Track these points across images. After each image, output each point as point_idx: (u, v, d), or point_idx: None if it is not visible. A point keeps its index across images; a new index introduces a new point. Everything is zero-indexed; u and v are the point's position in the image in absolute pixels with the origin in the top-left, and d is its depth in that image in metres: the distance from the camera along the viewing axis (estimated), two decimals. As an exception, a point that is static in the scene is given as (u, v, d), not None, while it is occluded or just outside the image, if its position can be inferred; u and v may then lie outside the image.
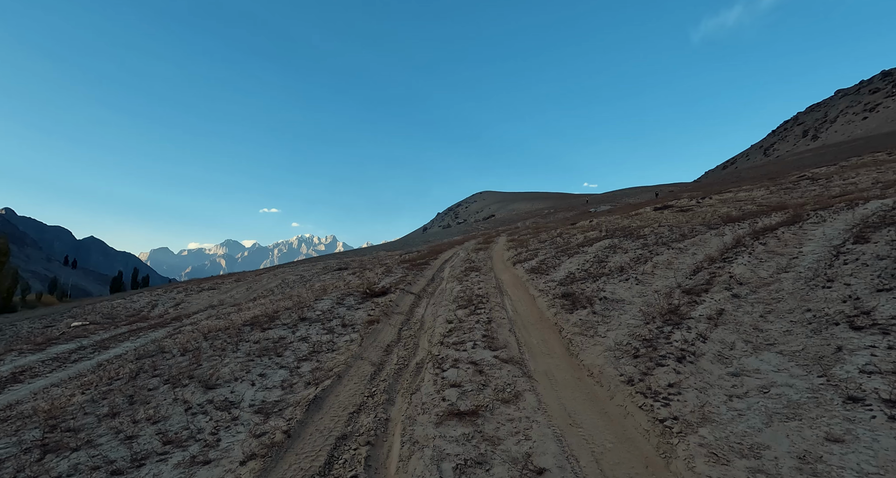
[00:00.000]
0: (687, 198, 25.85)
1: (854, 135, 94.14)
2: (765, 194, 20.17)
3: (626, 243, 10.00)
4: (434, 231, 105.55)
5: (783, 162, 68.11)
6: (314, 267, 28.65)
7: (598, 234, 13.87)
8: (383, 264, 14.87)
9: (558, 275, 8.38)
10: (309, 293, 10.69)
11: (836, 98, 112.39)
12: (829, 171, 26.54)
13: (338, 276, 19.29)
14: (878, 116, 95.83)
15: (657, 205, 21.55)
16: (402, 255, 24.10)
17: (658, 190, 66.64)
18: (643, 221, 16.09)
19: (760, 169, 64.46)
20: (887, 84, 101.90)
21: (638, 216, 19.02)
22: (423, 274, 11.10)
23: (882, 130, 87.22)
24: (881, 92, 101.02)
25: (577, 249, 11.29)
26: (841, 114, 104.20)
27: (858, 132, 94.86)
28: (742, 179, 46.84)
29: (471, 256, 14.08)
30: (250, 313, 11.72)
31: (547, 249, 13.07)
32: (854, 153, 42.97)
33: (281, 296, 17.77)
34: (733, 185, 36.15)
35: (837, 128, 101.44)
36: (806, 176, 24.50)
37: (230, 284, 24.35)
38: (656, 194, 59.82)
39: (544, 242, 14.57)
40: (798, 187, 21.00)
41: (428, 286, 9.66)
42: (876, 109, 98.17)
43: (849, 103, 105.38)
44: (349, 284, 12.07)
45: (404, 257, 17.72)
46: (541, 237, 17.64)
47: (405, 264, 14.11)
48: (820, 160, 49.81)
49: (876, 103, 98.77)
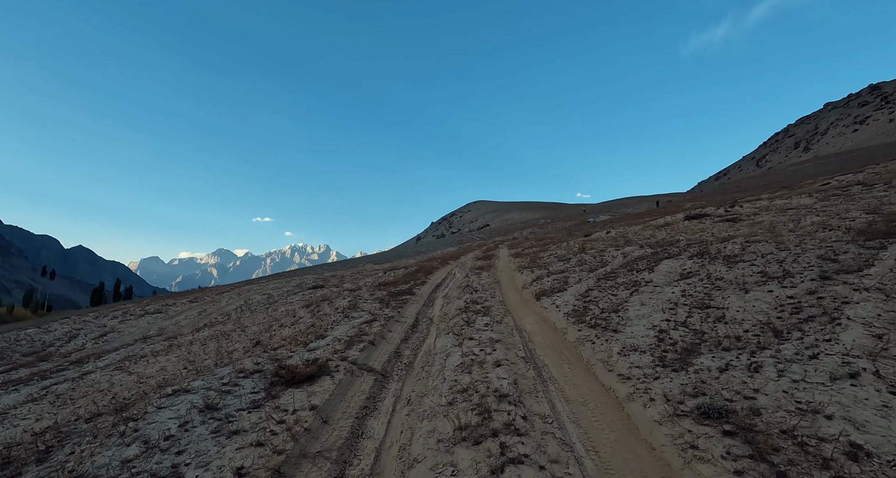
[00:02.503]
0: (713, 207, 22.39)
1: (846, 147, 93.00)
2: (814, 203, 16.70)
3: (717, 269, 6.32)
4: (428, 241, 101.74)
5: (783, 172, 65.84)
6: (287, 284, 24.60)
7: (640, 250, 10.21)
8: (354, 291, 11.00)
9: (637, 331, 4.57)
10: (210, 355, 6.82)
11: (826, 111, 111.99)
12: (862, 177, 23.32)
13: (303, 300, 15.39)
14: (868, 129, 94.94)
15: (688, 214, 17.98)
16: (386, 271, 20.21)
17: (658, 199, 63.81)
18: (686, 232, 12.50)
19: (761, 179, 61.95)
20: (875, 97, 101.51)
21: (670, 227, 15.42)
22: (402, 313, 7.32)
23: (873, 142, 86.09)
24: (870, 105, 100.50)
25: (630, 273, 7.59)
26: (832, 126, 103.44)
27: (850, 144, 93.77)
28: (748, 189, 43.93)
29: (471, 281, 10.30)
30: (154, 368, 7.80)
31: (576, 270, 9.35)
32: (861, 163, 40.37)
33: (233, 326, 13.81)
34: (747, 193, 33.03)
35: (829, 140, 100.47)
36: (827, 182, 21.15)
37: (182, 306, 20.22)
38: (657, 204, 57.13)
39: (567, 261, 10.85)
40: (849, 194, 17.61)
41: (403, 347, 5.66)
42: (866, 122, 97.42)
43: (838, 116, 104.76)
44: (296, 324, 8.21)
45: (385, 279, 13.85)
46: (556, 252, 13.96)
47: (383, 290, 10.30)
48: (821, 171, 47.25)
49: (866, 116, 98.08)
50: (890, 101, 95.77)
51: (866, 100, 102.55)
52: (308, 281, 24.29)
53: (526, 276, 10.06)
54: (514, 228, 64.90)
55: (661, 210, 35.74)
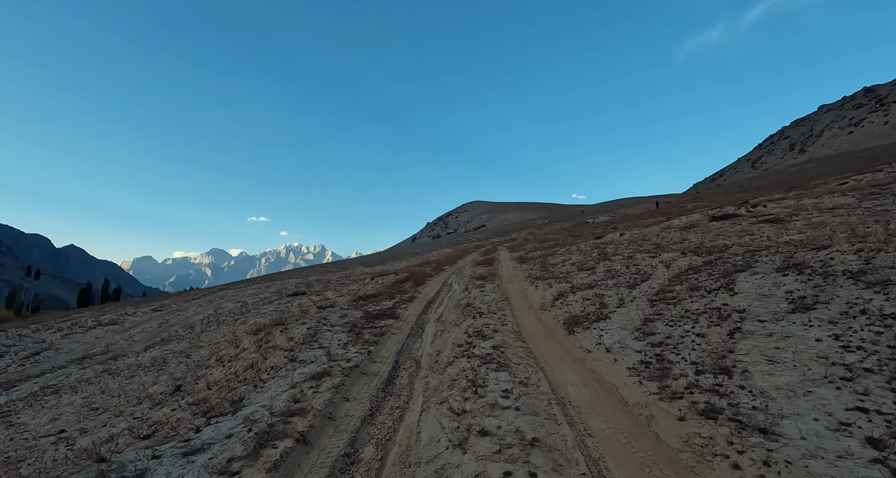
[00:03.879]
0: (731, 206, 20.26)
1: (841, 148, 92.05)
2: (856, 201, 14.55)
3: (855, 294, 4.10)
4: (423, 241, 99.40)
5: (783, 173, 64.30)
6: (267, 289, 22.16)
7: (683, 258, 7.98)
8: (326, 307, 8.58)
9: (817, 443, 2.30)
10: (123, 397, 4.50)
11: (821, 113, 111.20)
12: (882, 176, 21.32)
13: (278, 312, 13.01)
14: (863, 131, 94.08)
15: (714, 215, 15.81)
16: (374, 277, 17.85)
17: (657, 200, 62.03)
18: (728, 236, 10.30)
19: (762, 180, 60.31)
20: (870, 100, 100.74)
21: (699, 229, 13.24)
22: (374, 355, 4.90)
23: (868, 143, 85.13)
24: (865, 107, 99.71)
25: (697, 294, 5.36)
26: (826, 128, 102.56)
27: (845, 146, 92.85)
28: (750, 190, 42.07)
29: (472, 297, 7.99)
30: (45, 417, 5.47)
31: (608, 284, 7.09)
32: (864, 164, 38.70)
33: (187, 345, 11.42)
34: (752, 193, 31.00)
35: (824, 142, 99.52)
36: (844, 182, 19.08)
37: (143, 315, 17.70)
38: (657, 204, 55.57)
39: (591, 271, 8.59)
40: (893, 192, 15.51)
41: (362, 440, 2.96)
42: (861, 125, 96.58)
43: (833, 118, 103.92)
44: (234, 360, 5.89)
45: (368, 290, 11.51)
46: (571, 258, 11.70)
47: (361, 308, 7.98)
48: (823, 172, 45.60)
49: (860, 118, 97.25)
50: (884, 104, 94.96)
51: (861, 102, 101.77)
52: (290, 287, 21.88)
53: (542, 290, 7.77)
54: (512, 228, 62.72)
55: (664, 210, 33.68)
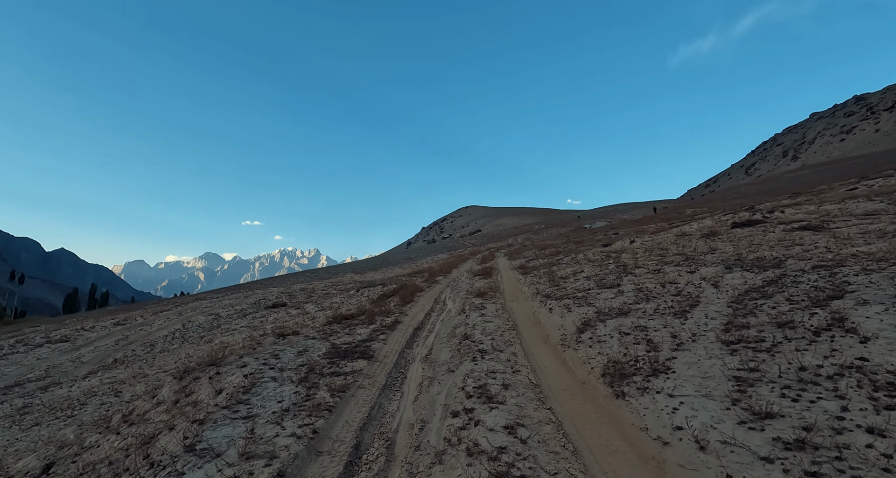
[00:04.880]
0: (746, 212, 18.76)
1: (833, 156, 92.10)
2: (887, 206, 13.02)
3: None
4: (418, 246, 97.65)
5: (780, 179, 63.54)
6: (247, 299, 20.21)
7: (731, 274, 6.34)
8: (286, 335, 6.75)
9: None
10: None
11: (812, 120, 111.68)
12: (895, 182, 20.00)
13: (250, 328, 11.17)
14: (854, 138, 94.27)
15: (736, 221, 14.22)
16: (359, 288, 16.05)
17: (655, 206, 60.90)
18: (769, 247, 8.69)
19: (760, 186, 59.40)
20: (861, 108, 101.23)
21: (725, 238, 11.63)
22: (330, 425, 3.28)
23: (860, 151, 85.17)
24: (856, 115, 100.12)
25: (792, 334, 3.71)
26: (819, 136, 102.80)
27: (837, 153, 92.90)
28: (748, 196, 40.88)
29: (470, 324, 6.26)
30: None
31: (649, 311, 5.42)
32: (864, 170, 37.76)
33: (135, 370, 9.62)
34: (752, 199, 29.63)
35: (816, 149, 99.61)
36: (854, 188, 17.71)
37: (102, 330, 15.71)
38: (654, 210, 54.53)
39: (615, 290, 6.90)
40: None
41: None
42: (852, 132, 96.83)
43: (825, 126, 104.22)
44: (138, 422, 4.12)
45: (345, 309, 9.72)
46: (583, 270, 10.02)
47: (329, 338, 6.22)
48: (821, 178, 44.67)
49: (852, 126, 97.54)
50: (875, 112, 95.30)
51: (852, 110, 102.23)
52: (271, 297, 19.97)
53: (559, 316, 6.05)
54: (508, 233, 61.15)
55: (663, 216, 32.28)
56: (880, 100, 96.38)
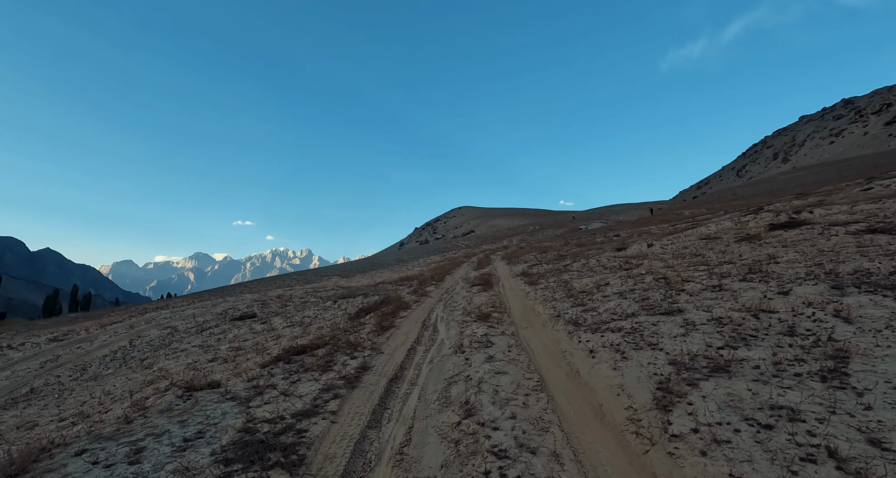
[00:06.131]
0: (769, 213, 16.84)
1: (823, 158, 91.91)
2: None
3: None
4: (411, 246, 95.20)
5: (775, 181, 62.51)
6: (214, 308, 17.72)
7: (861, 301, 4.30)
8: (216, 386, 4.54)
9: None
10: None
11: (802, 123, 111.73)
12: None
13: (202, 348, 8.84)
14: (844, 141, 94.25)
15: (774, 222, 12.21)
16: (336, 300, 13.74)
17: (651, 207, 59.44)
18: (836, 252, 6.67)
19: (756, 187, 58.20)
20: (850, 111, 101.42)
21: (769, 241, 9.56)
22: None
23: (849, 153, 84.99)
24: (845, 118, 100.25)
25: None
26: (808, 138, 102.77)
27: (827, 156, 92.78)
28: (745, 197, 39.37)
29: (473, 376, 4.11)
30: None
31: (765, 364, 3.31)
32: (861, 172, 36.51)
33: (38, 409, 7.26)
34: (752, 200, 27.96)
35: (806, 151, 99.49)
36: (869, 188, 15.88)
37: (33, 347, 13.20)
38: (651, 211, 53.24)
39: (676, 319, 4.78)
40: None
41: None
42: (842, 135, 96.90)
43: (815, 129, 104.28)
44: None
45: (300, 342, 7.43)
46: (602, 278, 7.88)
47: (268, 385, 4.02)
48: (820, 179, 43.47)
49: (841, 129, 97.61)
50: (863, 115, 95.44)
51: (840, 113, 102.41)
52: (241, 305, 17.51)
53: (608, 366, 3.89)
54: (502, 235, 59.11)
55: (661, 217, 30.53)
56: (868, 103, 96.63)
